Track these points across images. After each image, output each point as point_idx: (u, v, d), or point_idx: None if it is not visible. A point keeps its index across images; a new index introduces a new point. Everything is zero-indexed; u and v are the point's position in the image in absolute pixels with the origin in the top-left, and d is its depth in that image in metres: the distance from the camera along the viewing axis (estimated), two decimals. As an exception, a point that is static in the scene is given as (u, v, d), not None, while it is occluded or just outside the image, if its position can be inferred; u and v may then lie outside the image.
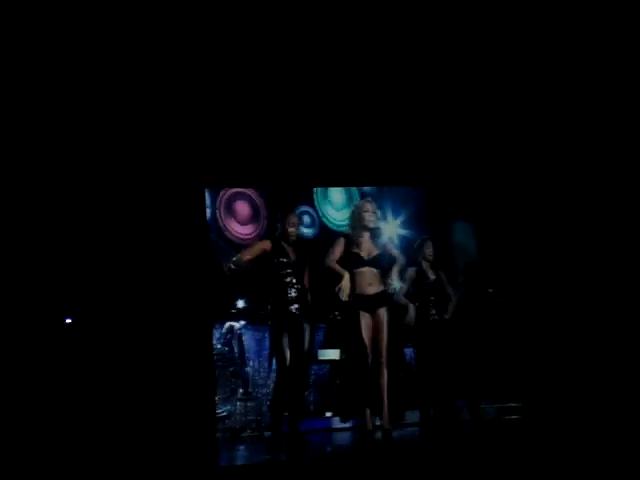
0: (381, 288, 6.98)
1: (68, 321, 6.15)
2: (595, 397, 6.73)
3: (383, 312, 6.95)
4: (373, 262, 6.96)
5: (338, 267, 6.90)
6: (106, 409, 6.07)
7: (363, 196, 7.29)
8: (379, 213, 7.12)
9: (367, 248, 6.98)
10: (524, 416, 7.11)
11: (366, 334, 6.85)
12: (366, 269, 6.93)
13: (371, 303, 6.91)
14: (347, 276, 6.85)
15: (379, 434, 6.81)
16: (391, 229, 7.27)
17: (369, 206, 7.04)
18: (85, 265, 6.22)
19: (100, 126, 6.30)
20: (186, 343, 6.27)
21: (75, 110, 6.21)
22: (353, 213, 7.10)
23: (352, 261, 6.92)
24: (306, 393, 6.97)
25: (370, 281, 6.91)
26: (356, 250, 6.94)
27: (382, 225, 7.16)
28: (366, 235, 7.00)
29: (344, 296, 6.84)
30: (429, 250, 7.30)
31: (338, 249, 6.95)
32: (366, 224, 6.99)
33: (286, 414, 6.59)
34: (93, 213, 6.23)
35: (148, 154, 6.37)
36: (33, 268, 6.08)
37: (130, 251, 6.26)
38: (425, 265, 7.31)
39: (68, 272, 6.18)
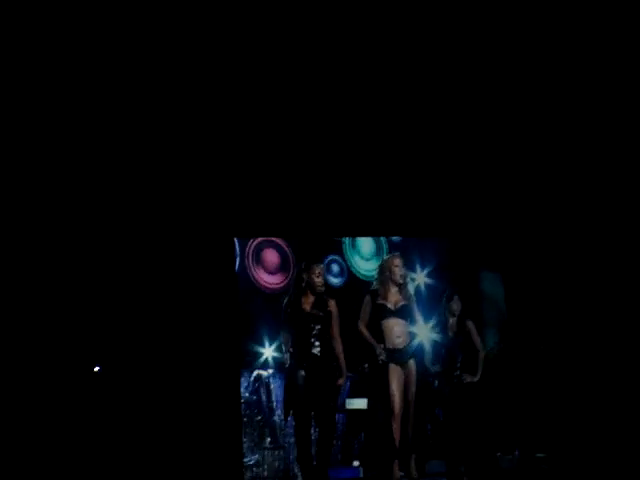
0: (409, 340, 6.97)
1: (97, 369, 6.21)
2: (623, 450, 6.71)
3: (412, 363, 6.94)
4: (400, 313, 6.96)
5: (368, 335, 6.90)
6: (135, 459, 6.12)
7: (391, 245, 7.30)
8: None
9: (394, 300, 6.97)
10: (551, 467, 7.08)
11: (397, 386, 6.84)
12: (393, 320, 6.93)
13: (401, 356, 6.90)
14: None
15: (407, 484, 6.82)
16: (419, 280, 7.26)
17: (398, 261, 7.04)
18: (116, 314, 6.30)
19: (130, 176, 6.39)
20: (214, 392, 6.33)
21: (101, 160, 6.32)
22: (382, 267, 7.09)
23: (379, 312, 6.92)
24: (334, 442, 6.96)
25: (398, 334, 6.91)
26: (382, 301, 6.95)
27: (410, 277, 7.15)
28: (394, 289, 7.00)
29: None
30: (456, 305, 7.26)
31: (366, 310, 6.96)
32: (395, 279, 6.99)
33: (315, 463, 6.60)
34: (124, 263, 6.31)
35: (178, 204, 6.45)
36: (63, 317, 6.17)
37: (160, 300, 6.34)
38: (451, 320, 7.28)
39: (99, 320, 6.26)
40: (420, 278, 7.25)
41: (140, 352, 6.31)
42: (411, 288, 7.12)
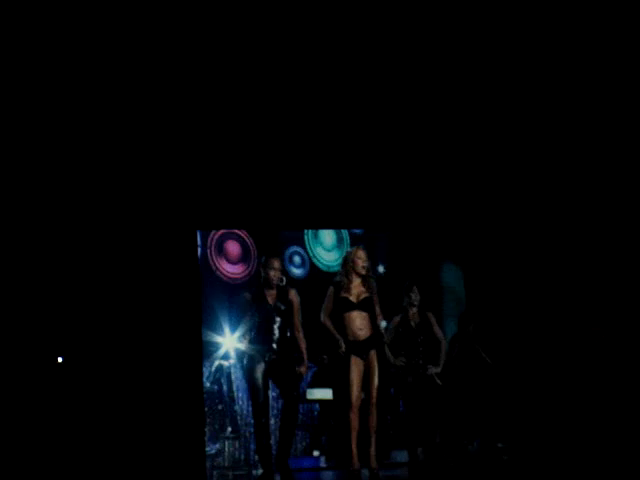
0: (370, 332, 7.00)
1: (60, 360, 6.23)
2: (583, 439, 6.78)
3: (373, 354, 6.98)
4: (362, 305, 6.98)
5: (331, 327, 6.93)
6: (97, 447, 6.14)
7: (352, 237, 7.34)
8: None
9: (356, 292, 6.99)
10: (511, 457, 7.15)
11: (356, 376, 6.86)
12: (356, 313, 6.94)
13: (362, 348, 6.95)
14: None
15: (366, 473, 6.85)
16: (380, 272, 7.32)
17: (361, 253, 7.04)
18: (80, 303, 6.31)
19: (98, 171, 6.40)
20: (176, 381, 6.34)
21: (64, 153, 6.33)
22: (345, 258, 7.09)
23: (342, 305, 6.95)
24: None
25: (360, 326, 6.90)
26: (345, 294, 6.96)
27: (373, 270, 7.19)
28: (357, 280, 7.03)
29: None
30: (415, 295, 7.33)
31: (329, 301, 6.97)
32: (359, 271, 6.99)
33: (274, 453, 6.63)
34: (87, 256, 6.33)
35: (143, 197, 6.47)
36: (27, 307, 6.18)
37: (122, 292, 6.36)
38: (412, 311, 7.35)
39: (60, 311, 6.27)
40: (381, 270, 7.31)
41: (101, 343, 6.31)
42: (373, 281, 7.15)
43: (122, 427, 6.22)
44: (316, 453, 7.13)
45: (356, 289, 6.93)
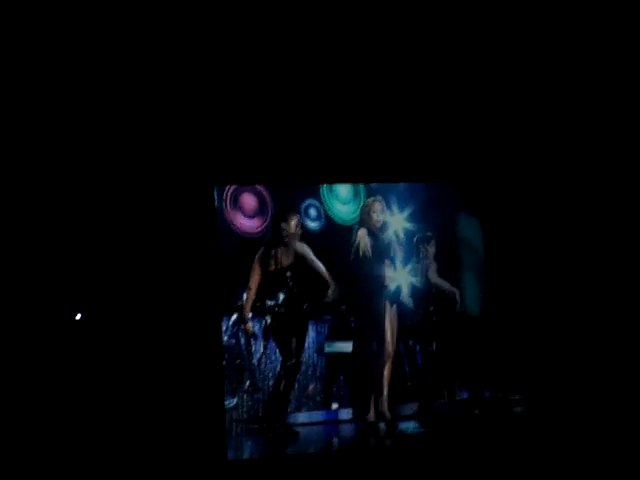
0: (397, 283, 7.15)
1: (78, 317, 6.24)
2: (599, 391, 6.80)
3: (395, 308, 7.13)
4: None
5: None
6: (115, 402, 6.17)
7: (369, 190, 7.31)
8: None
9: None
10: (528, 408, 7.18)
11: (389, 325, 7.00)
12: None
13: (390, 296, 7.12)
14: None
15: (383, 425, 6.90)
16: (397, 225, 7.31)
17: (377, 206, 7.12)
18: (95, 261, 6.30)
19: (113, 129, 6.38)
20: (195, 336, 6.37)
21: (86, 113, 6.29)
22: (362, 210, 7.21)
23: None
24: (312, 385, 7.08)
25: None
26: None
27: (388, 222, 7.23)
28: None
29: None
30: (432, 249, 7.35)
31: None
32: (373, 224, 7.09)
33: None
34: (104, 211, 6.32)
35: (159, 155, 6.44)
36: (43, 265, 6.16)
37: (139, 247, 6.35)
38: (425, 263, 7.37)
39: (79, 267, 6.27)
40: (399, 223, 7.30)
41: (121, 299, 6.32)
42: (391, 233, 7.18)
43: (141, 382, 6.24)
44: (335, 406, 7.16)
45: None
